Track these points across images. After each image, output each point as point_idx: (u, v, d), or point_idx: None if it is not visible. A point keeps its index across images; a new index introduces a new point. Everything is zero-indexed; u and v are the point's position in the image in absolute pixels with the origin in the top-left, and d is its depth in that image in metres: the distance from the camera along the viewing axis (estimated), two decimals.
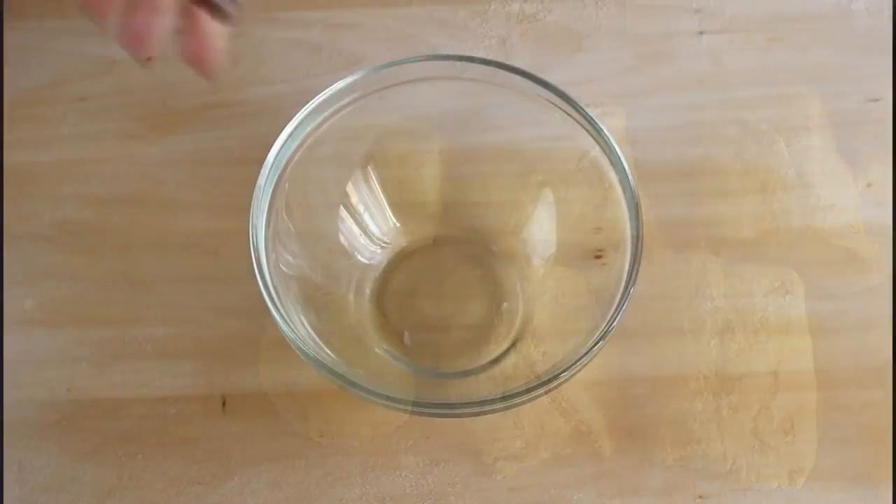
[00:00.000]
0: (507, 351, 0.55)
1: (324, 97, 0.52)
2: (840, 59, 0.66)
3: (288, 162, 0.52)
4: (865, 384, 0.56)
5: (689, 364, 0.56)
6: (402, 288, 0.56)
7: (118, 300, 0.58)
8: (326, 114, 0.53)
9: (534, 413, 0.54)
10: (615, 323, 0.48)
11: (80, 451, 0.54)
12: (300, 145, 0.53)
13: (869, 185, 0.62)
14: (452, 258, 0.58)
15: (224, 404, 0.55)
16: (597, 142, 0.52)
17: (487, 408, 0.48)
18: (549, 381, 0.47)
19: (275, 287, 0.49)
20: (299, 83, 0.63)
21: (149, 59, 0.46)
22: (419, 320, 0.56)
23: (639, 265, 0.49)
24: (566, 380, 0.48)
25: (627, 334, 0.56)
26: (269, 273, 0.49)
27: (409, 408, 0.48)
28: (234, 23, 0.47)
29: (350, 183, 0.58)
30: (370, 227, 0.58)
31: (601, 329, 0.48)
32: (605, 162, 0.52)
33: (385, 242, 0.58)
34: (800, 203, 0.61)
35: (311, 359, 0.48)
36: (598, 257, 0.55)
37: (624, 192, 0.51)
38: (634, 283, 0.49)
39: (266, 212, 0.51)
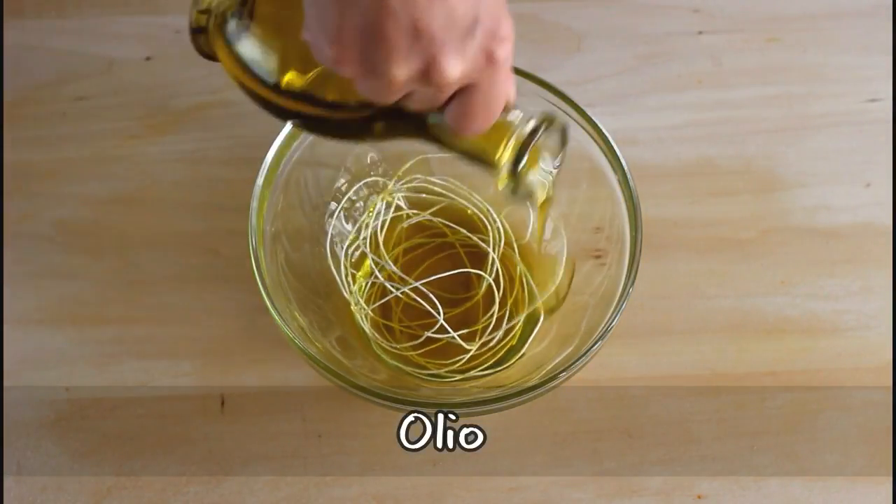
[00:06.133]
0: (507, 350, 0.55)
1: None
2: (840, 59, 0.66)
3: (287, 162, 0.52)
4: (865, 384, 0.56)
5: (689, 364, 0.56)
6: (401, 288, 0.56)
7: (117, 300, 0.58)
8: None
9: (533, 413, 0.54)
10: (614, 323, 0.48)
11: (78, 450, 0.54)
12: (299, 145, 0.52)
13: (869, 185, 0.61)
14: (452, 259, 0.58)
15: (223, 404, 0.55)
16: (596, 142, 0.52)
17: (486, 408, 0.48)
18: (549, 381, 0.47)
19: (274, 287, 0.49)
20: None
21: None
22: (418, 320, 0.56)
23: (638, 265, 0.49)
24: (565, 380, 0.48)
25: (627, 334, 0.56)
26: (269, 273, 0.49)
27: (408, 408, 0.48)
28: None
29: (349, 183, 0.58)
30: (369, 227, 0.58)
31: (600, 329, 0.48)
32: (604, 162, 0.52)
33: (384, 242, 0.58)
34: (800, 203, 0.61)
35: (309, 358, 0.48)
36: (598, 257, 0.55)
37: (623, 192, 0.51)
38: (633, 283, 0.49)
39: (265, 212, 0.51)
